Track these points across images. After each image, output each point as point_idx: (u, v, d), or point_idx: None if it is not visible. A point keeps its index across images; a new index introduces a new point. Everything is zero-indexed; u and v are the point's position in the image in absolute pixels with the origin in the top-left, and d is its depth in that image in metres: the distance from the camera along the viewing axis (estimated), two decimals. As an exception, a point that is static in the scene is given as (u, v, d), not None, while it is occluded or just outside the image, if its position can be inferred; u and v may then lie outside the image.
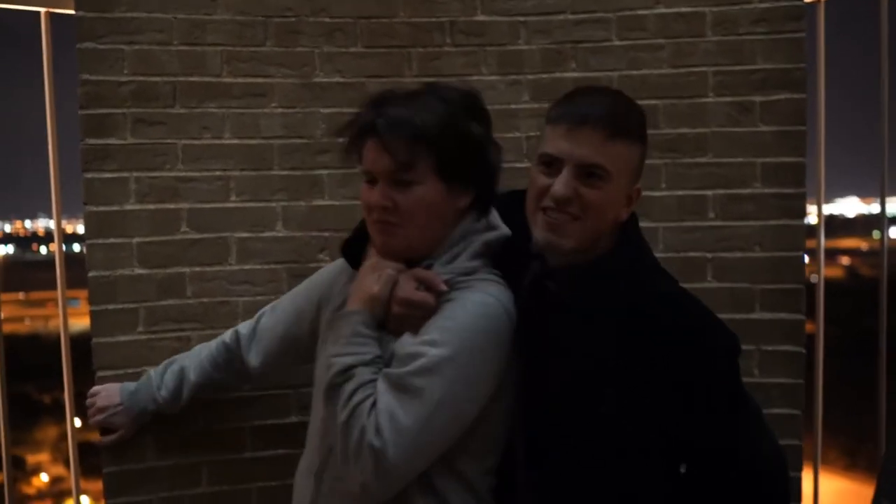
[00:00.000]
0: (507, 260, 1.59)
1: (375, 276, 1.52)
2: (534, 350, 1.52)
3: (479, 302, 1.48)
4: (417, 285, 1.51)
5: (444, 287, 1.49)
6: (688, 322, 1.47)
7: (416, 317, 1.50)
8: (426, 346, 1.43)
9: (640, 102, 2.20)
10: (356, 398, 1.40)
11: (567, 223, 1.46)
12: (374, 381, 1.43)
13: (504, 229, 1.61)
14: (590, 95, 1.53)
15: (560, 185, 1.45)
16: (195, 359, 2.01)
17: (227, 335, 1.99)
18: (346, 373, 1.44)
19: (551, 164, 1.48)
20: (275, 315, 1.91)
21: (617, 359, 1.44)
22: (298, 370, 1.99)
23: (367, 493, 1.40)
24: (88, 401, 2.08)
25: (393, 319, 1.52)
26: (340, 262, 1.73)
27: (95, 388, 2.08)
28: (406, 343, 1.48)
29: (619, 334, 1.44)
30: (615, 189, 1.47)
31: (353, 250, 1.66)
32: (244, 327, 1.97)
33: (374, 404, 1.40)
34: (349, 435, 1.39)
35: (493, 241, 1.59)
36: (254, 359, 1.92)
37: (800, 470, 2.26)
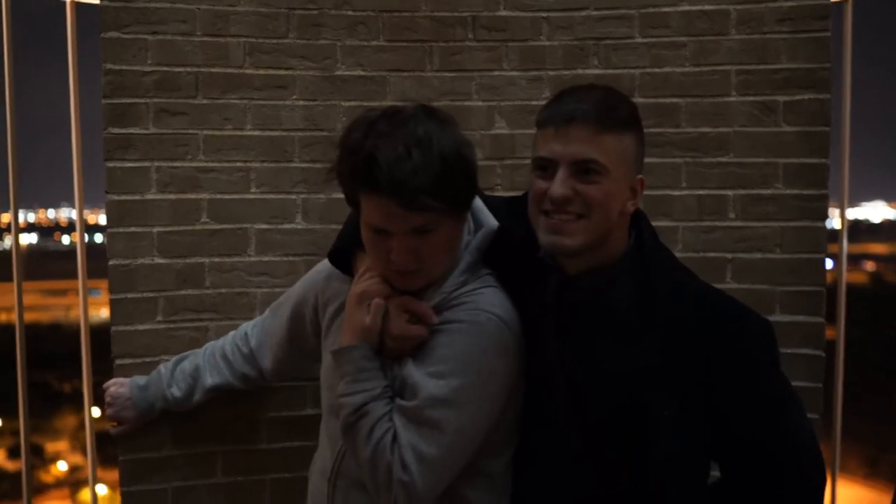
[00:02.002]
0: (502, 251, 1.58)
1: (364, 307, 1.51)
2: (557, 363, 1.52)
3: (475, 321, 1.49)
4: (409, 317, 1.51)
5: (435, 320, 1.50)
6: (732, 318, 1.49)
7: (411, 346, 1.52)
8: (434, 378, 1.46)
9: (661, 100, 2.24)
10: (376, 434, 1.45)
11: (571, 222, 1.44)
12: (388, 413, 1.47)
13: (491, 222, 1.58)
14: (575, 94, 1.50)
15: (557, 185, 1.43)
16: (210, 360, 2.01)
17: (240, 340, 2.00)
18: (360, 411, 1.47)
19: (546, 168, 1.47)
20: (278, 317, 1.91)
21: (665, 361, 1.44)
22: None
23: None
24: (105, 393, 2.09)
25: (388, 349, 1.53)
26: (329, 264, 1.71)
27: (109, 382, 2.10)
28: (413, 372, 1.49)
29: (663, 336, 1.44)
30: (614, 182, 1.44)
31: (342, 256, 1.65)
32: (253, 331, 1.99)
33: (394, 438, 1.44)
34: (376, 471, 1.45)
35: (483, 242, 1.57)
36: (266, 363, 1.95)
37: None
